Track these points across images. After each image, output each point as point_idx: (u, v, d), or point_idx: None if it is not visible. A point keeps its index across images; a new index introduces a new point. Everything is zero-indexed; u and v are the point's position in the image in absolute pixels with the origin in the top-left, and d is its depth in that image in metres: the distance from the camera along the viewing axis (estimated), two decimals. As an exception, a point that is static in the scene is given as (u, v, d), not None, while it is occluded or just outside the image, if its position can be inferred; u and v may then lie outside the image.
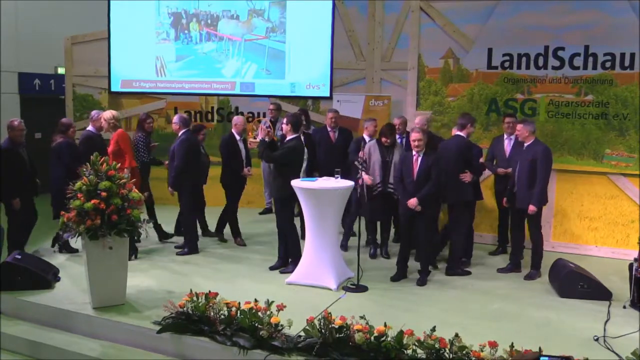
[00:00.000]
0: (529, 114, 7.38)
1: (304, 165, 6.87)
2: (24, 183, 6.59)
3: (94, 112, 7.44)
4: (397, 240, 7.34)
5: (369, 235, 7.13)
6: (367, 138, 7.10)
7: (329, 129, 7.78)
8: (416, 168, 6.03)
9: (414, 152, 6.08)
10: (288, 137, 6.30)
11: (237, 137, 7.41)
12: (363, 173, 6.28)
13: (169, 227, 7.67)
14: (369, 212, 6.85)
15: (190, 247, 7.10)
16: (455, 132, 6.49)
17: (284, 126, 6.36)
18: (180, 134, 7.05)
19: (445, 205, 6.76)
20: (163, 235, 7.61)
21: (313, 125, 8.49)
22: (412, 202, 5.98)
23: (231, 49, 9.86)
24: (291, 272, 6.12)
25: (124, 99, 10.06)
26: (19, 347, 5.08)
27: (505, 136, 7.04)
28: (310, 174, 7.15)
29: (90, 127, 7.34)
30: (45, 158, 7.10)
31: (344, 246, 7.20)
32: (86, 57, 10.01)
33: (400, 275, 6.24)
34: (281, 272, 6.35)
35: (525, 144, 6.31)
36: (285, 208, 6.31)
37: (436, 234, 6.71)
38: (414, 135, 6.07)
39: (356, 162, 6.47)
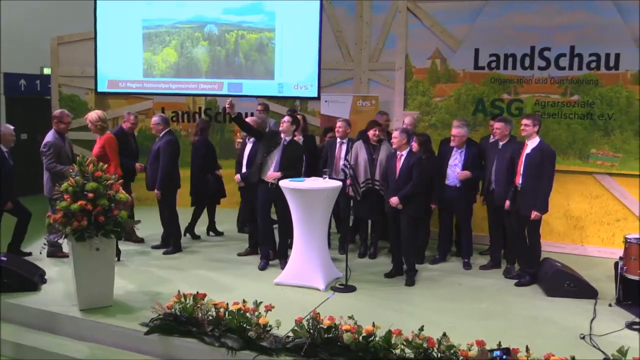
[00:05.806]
0: (516, 114, 7.42)
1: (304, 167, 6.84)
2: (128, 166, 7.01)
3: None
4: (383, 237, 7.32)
5: (359, 234, 7.11)
6: (338, 140, 6.95)
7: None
8: (399, 166, 6.10)
9: (398, 151, 6.15)
10: (288, 139, 6.33)
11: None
12: (350, 188, 6.37)
13: (155, 229, 7.60)
14: (358, 211, 6.84)
15: (175, 245, 7.10)
16: (537, 137, 5.94)
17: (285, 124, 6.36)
18: (162, 134, 7.01)
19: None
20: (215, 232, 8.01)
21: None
22: (394, 200, 6.04)
23: (219, 48, 9.82)
24: (279, 265, 6.10)
25: (111, 99, 9.99)
26: (4, 350, 5.01)
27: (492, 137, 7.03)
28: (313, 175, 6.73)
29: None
30: (30, 159, 7.03)
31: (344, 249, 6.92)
32: (72, 58, 9.93)
33: (395, 271, 6.25)
34: (261, 269, 6.39)
35: (502, 143, 6.36)
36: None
37: (424, 233, 6.81)
38: (393, 134, 6.20)
39: (343, 168, 6.43)
